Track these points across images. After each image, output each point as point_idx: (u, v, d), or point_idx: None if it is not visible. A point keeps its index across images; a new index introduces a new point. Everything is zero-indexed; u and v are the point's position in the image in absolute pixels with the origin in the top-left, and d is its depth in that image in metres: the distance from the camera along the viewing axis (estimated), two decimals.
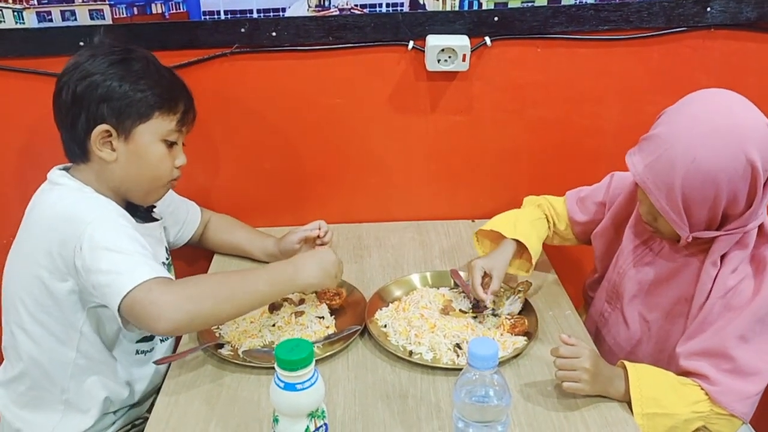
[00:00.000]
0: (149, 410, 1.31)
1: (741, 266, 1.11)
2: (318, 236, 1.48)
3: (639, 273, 1.25)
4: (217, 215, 1.57)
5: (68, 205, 1.15)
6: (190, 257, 1.65)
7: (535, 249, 1.36)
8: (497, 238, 1.40)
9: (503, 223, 1.39)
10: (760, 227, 1.12)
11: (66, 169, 1.23)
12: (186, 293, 1.07)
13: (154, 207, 1.35)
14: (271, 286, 1.15)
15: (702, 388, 1.09)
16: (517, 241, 1.35)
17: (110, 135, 1.16)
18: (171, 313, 1.04)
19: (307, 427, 0.90)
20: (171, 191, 1.44)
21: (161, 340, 1.32)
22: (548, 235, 1.44)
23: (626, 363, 1.11)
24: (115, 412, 1.27)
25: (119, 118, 1.16)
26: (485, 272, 1.28)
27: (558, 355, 1.09)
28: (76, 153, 1.19)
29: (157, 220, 1.35)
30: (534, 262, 1.36)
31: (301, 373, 0.88)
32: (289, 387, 0.88)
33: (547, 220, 1.44)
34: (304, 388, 0.88)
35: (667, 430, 1.08)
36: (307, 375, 0.89)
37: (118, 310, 1.05)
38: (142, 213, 1.31)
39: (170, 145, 1.21)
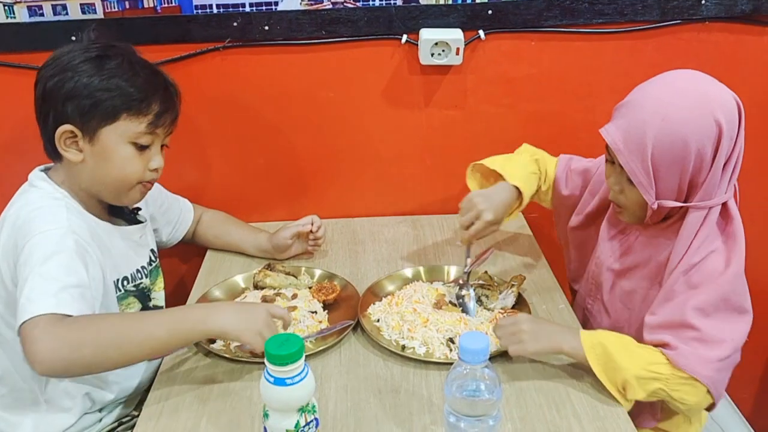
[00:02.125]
0: (137, 408, 1.30)
1: (705, 243, 1.11)
2: (311, 231, 1.47)
3: (616, 263, 1.26)
4: (209, 211, 1.56)
5: (29, 212, 1.12)
6: (183, 255, 1.65)
7: (526, 202, 1.37)
8: (490, 175, 1.40)
9: (507, 166, 1.37)
10: (724, 206, 1.12)
11: (47, 169, 1.21)
12: (67, 338, 0.98)
13: (140, 209, 1.32)
14: (170, 333, 1.04)
15: (663, 354, 1.09)
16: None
17: (75, 136, 1.13)
18: (45, 356, 0.97)
19: (298, 422, 0.90)
20: (163, 190, 1.44)
21: None
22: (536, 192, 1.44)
23: (583, 330, 1.14)
24: (100, 410, 1.26)
25: (84, 118, 1.12)
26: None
27: (498, 328, 1.16)
28: (50, 151, 1.17)
29: (140, 222, 1.32)
30: (516, 215, 1.38)
31: (290, 367, 0.88)
32: (279, 382, 0.88)
33: (539, 178, 1.42)
34: (294, 383, 0.88)
35: (623, 384, 1.07)
36: (297, 370, 0.88)
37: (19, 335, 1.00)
38: (126, 215, 1.29)
39: (141, 147, 1.16)
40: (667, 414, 1.26)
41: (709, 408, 1.14)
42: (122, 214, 1.28)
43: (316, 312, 1.31)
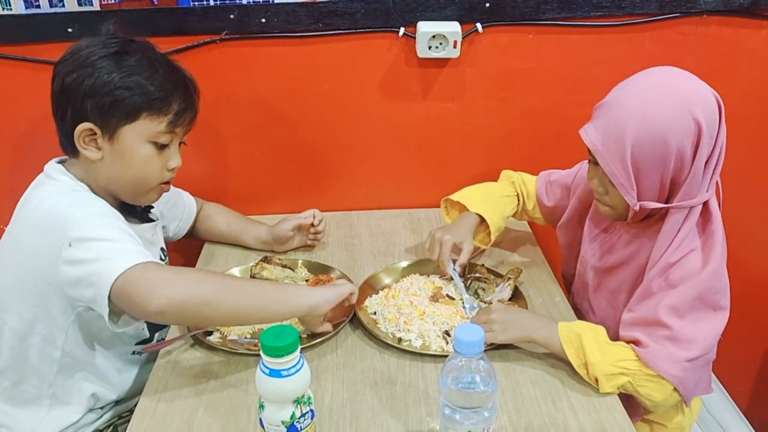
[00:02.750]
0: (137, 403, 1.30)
1: (685, 243, 1.11)
2: (312, 224, 1.47)
3: (600, 262, 1.26)
4: (208, 204, 1.55)
5: (55, 204, 1.11)
6: (180, 248, 1.64)
7: (496, 225, 1.40)
8: (464, 208, 1.43)
9: (471, 195, 1.43)
10: (705, 205, 1.12)
11: (63, 161, 1.19)
12: (184, 275, 1.04)
13: (152, 207, 1.32)
14: (277, 293, 1.11)
15: (633, 350, 1.09)
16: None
17: (94, 133, 1.12)
18: (166, 289, 0.99)
19: (293, 413, 0.90)
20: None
21: (159, 340, 1.31)
22: (516, 211, 1.47)
23: (561, 323, 1.15)
24: (102, 407, 1.26)
25: (104, 116, 1.11)
26: (454, 244, 1.33)
27: (473, 317, 1.20)
28: (67, 147, 1.16)
29: (153, 221, 1.31)
30: (493, 237, 1.40)
31: (286, 359, 0.88)
32: (275, 373, 0.88)
33: (518, 198, 1.46)
34: (289, 374, 0.88)
35: (594, 378, 1.09)
36: (292, 361, 0.88)
37: (109, 297, 1.00)
38: (139, 213, 1.29)
39: (161, 146, 1.16)
40: None
41: (684, 403, 1.14)
42: (134, 212, 1.27)
43: None
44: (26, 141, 1.51)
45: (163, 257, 1.33)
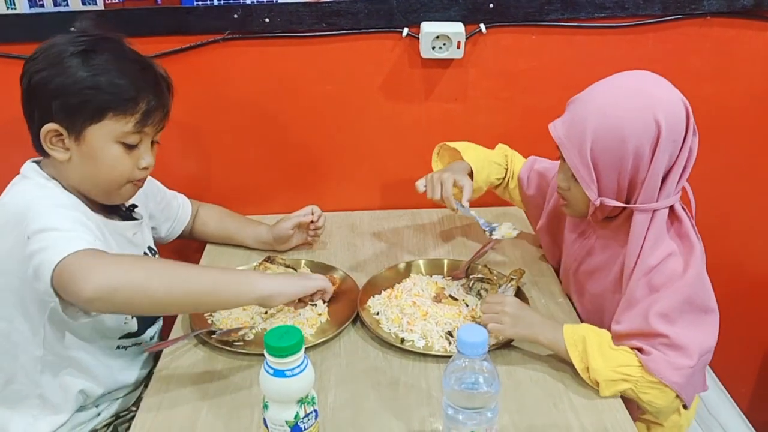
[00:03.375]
0: (136, 403, 1.29)
1: (659, 247, 1.11)
2: (312, 221, 1.47)
3: (580, 267, 1.28)
4: (206, 206, 1.54)
5: (20, 201, 1.10)
6: (183, 249, 1.64)
7: (477, 184, 1.39)
8: (454, 160, 1.43)
9: (468, 148, 1.42)
10: (672, 210, 1.13)
11: (39, 161, 1.18)
12: (119, 260, 1.01)
13: (136, 206, 1.30)
14: (215, 283, 1.04)
15: (636, 356, 1.10)
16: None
17: (61, 134, 1.10)
18: (98, 275, 0.95)
19: (297, 413, 0.90)
20: (161, 186, 1.42)
21: (150, 338, 1.30)
22: (500, 184, 1.47)
23: (566, 325, 1.15)
24: (97, 405, 1.25)
25: (70, 117, 1.08)
26: (454, 181, 1.31)
27: (483, 303, 1.20)
28: (38, 147, 1.13)
29: (136, 219, 1.29)
30: (472, 196, 1.34)
31: (290, 359, 0.88)
32: (279, 373, 0.88)
33: (505, 172, 1.46)
34: (293, 375, 0.88)
35: (595, 382, 1.09)
36: (296, 361, 0.89)
37: (52, 285, 0.98)
38: (121, 211, 1.27)
39: (129, 146, 1.13)
40: None
41: (683, 407, 1.15)
42: (117, 210, 1.26)
43: (315, 304, 1.31)
44: (27, 138, 1.51)
45: (150, 256, 1.31)
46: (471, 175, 1.38)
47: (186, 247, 1.62)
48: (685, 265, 1.10)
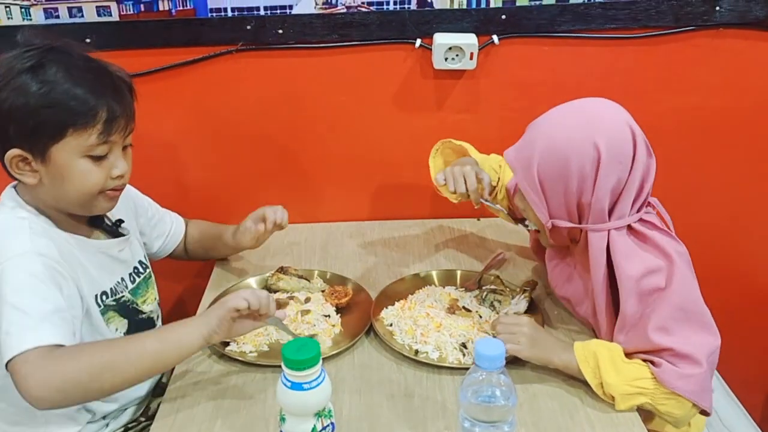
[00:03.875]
0: (144, 413, 1.28)
1: (639, 263, 1.11)
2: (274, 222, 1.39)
3: (562, 291, 1.29)
4: (192, 222, 1.50)
5: None
6: (194, 267, 1.65)
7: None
8: (451, 158, 1.43)
9: (472, 148, 1.43)
10: (633, 229, 1.14)
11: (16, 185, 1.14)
12: (59, 369, 0.96)
13: (122, 221, 1.27)
14: (161, 343, 1.02)
15: (649, 369, 1.10)
16: None
17: (26, 158, 1.05)
18: (40, 391, 0.95)
19: (314, 426, 0.90)
20: (153, 203, 1.40)
21: None
22: (491, 192, 1.44)
23: (577, 342, 1.15)
24: (104, 417, 1.23)
25: (30, 139, 1.04)
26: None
27: (499, 323, 1.19)
28: (7, 172, 1.09)
29: (123, 235, 1.25)
30: (490, 189, 1.34)
31: (308, 372, 0.88)
32: (296, 386, 0.88)
33: (498, 181, 1.44)
34: (311, 388, 0.89)
35: (611, 397, 1.09)
36: (314, 374, 0.89)
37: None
38: (108, 227, 1.24)
39: (98, 158, 1.08)
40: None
41: (704, 414, 1.14)
42: (101, 225, 1.22)
43: (329, 316, 1.31)
44: None
45: (141, 270, 1.28)
46: None
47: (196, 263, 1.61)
48: (667, 277, 1.10)
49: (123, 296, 1.22)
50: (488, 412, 0.93)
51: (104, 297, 1.18)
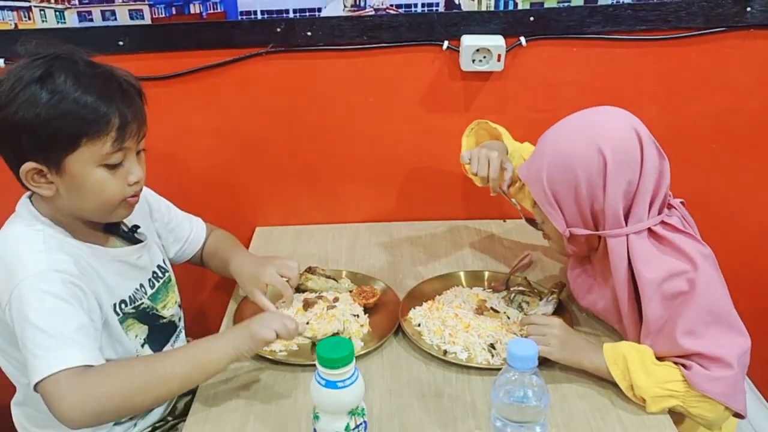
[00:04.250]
0: (171, 412, 1.29)
1: (661, 267, 1.10)
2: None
3: (584, 301, 1.29)
4: (216, 231, 1.47)
5: (10, 252, 1.06)
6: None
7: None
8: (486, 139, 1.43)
9: (506, 133, 1.43)
10: (654, 233, 1.13)
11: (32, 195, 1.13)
12: (92, 392, 0.97)
13: (138, 227, 1.26)
14: (190, 366, 1.04)
15: (680, 371, 1.10)
16: None
17: (42, 171, 1.04)
18: (75, 414, 0.96)
19: (348, 424, 0.91)
20: (172, 207, 1.39)
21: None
22: (517, 181, 1.43)
23: (606, 344, 1.15)
24: (132, 418, 1.23)
25: (44, 152, 1.03)
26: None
27: (529, 323, 1.19)
28: (22, 184, 1.08)
29: (140, 241, 1.24)
30: (510, 181, 1.32)
31: (342, 371, 0.89)
32: (330, 384, 0.89)
33: None
34: (345, 386, 0.90)
35: (641, 399, 1.09)
36: (348, 373, 0.90)
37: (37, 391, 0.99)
38: (124, 233, 1.23)
39: (113, 166, 1.07)
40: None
41: (738, 416, 1.13)
42: (118, 232, 1.22)
43: (358, 315, 1.32)
44: None
45: (159, 275, 1.28)
46: None
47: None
48: (692, 280, 1.10)
49: (142, 303, 1.21)
50: (520, 413, 0.94)
51: (123, 305, 1.17)
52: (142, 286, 1.23)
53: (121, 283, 1.18)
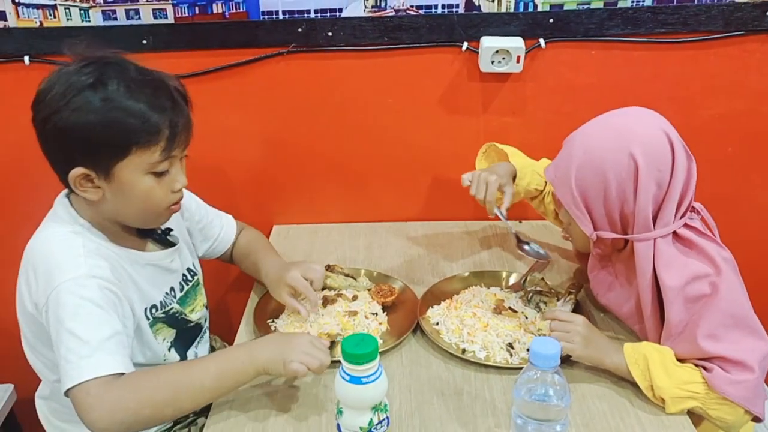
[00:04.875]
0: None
1: (683, 270, 1.11)
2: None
3: (603, 299, 1.30)
4: (247, 229, 1.49)
5: (49, 254, 1.07)
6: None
7: (518, 189, 1.41)
8: (500, 160, 1.46)
9: (516, 153, 1.45)
10: (679, 236, 1.13)
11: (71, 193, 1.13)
12: (122, 404, 0.98)
13: (171, 230, 1.27)
14: (218, 380, 1.04)
15: (701, 373, 1.10)
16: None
17: (90, 176, 1.05)
18: (104, 424, 0.97)
19: (371, 419, 0.92)
20: (203, 205, 1.40)
21: (195, 355, 1.29)
22: (537, 196, 1.48)
23: (627, 344, 1.15)
24: None
25: (94, 158, 1.04)
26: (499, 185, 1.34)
27: (553, 318, 1.19)
28: (65, 185, 1.09)
29: (173, 244, 1.26)
30: (509, 204, 1.37)
31: (366, 366, 0.90)
32: (355, 380, 0.91)
33: (545, 185, 1.45)
34: (369, 382, 0.91)
35: (661, 400, 1.09)
36: (372, 369, 0.91)
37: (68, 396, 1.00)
38: (157, 236, 1.25)
39: (160, 173, 1.08)
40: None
41: (756, 420, 1.14)
42: (152, 235, 1.23)
43: (376, 314, 1.33)
44: None
45: (189, 278, 1.29)
46: (514, 178, 1.40)
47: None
48: (714, 284, 1.10)
49: (172, 308, 1.23)
50: (541, 411, 0.95)
51: (153, 310, 1.19)
52: (172, 289, 1.24)
53: (153, 288, 1.19)
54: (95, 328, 1.01)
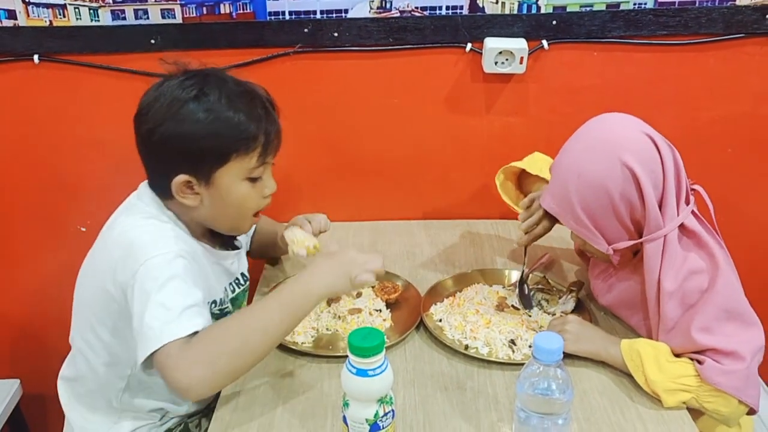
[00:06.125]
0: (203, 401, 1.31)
1: (680, 266, 1.13)
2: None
3: (605, 299, 1.32)
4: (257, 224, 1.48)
5: (138, 235, 1.11)
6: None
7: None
8: (520, 180, 1.47)
9: (530, 162, 1.43)
10: (683, 226, 1.15)
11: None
12: (199, 359, 0.99)
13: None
14: (285, 314, 1.06)
15: (694, 366, 1.12)
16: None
17: (191, 182, 1.11)
18: (187, 382, 0.99)
19: (377, 412, 0.94)
20: None
21: None
22: None
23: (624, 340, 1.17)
24: (165, 413, 1.28)
25: (196, 166, 1.10)
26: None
27: (549, 324, 1.24)
28: (159, 191, 1.16)
29: (237, 248, 1.31)
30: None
31: (373, 359, 0.92)
32: (361, 373, 0.92)
33: None
34: (375, 374, 0.92)
35: (655, 394, 1.11)
36: (378, 362, 0.92)
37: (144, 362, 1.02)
38: (225, 239, 1.29)
39: (255, 179, 1.15)
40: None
41: (752, 412, 1.15)
42: (222, 236, 1.27)
43: (380, 311, 1.35)
44: (111, 147, 1.58)
45: (242, 282, 1.33)
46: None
47: None
48: (711, 277, 1.12)
49: (226, 306, 1.26)
50: (544, 405, 0.96)
51: (213, 305, 1.22)
52: (226, 289, 1.28)
53: (217, 285, 1.24)
54: (180, 298, 1.04)
